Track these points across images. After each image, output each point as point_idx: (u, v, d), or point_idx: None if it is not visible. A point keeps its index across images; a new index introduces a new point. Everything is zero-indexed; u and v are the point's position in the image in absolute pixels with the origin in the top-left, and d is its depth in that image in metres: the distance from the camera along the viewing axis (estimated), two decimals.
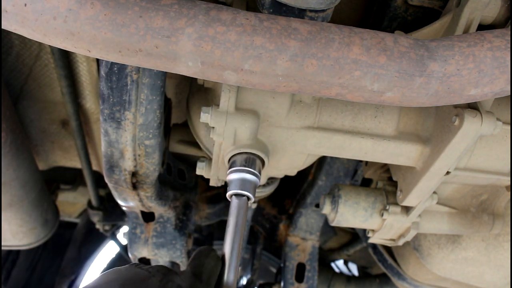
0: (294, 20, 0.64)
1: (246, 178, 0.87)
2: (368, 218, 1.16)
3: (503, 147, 0.98)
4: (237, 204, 0.82)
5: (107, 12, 0.59)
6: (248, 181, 0.86)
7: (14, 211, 1.51)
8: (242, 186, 0.85)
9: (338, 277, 2.35)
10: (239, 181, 0.86)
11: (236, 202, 0.82)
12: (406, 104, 0.69)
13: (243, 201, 0.83)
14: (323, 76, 0.63)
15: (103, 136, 1.00)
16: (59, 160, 1.89)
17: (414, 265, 1.57)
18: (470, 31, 0.82)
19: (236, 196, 0.84)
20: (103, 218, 2.24)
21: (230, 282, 0.73)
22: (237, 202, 0.82)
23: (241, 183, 0.86)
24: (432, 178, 0.96)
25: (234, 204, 0.82)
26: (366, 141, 0.96)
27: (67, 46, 0.62)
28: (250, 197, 0.84)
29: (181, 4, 0.61)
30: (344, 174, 1.63)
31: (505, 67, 0.65)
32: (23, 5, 0.58)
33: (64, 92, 1.47)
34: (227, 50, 0.61)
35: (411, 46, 0.65)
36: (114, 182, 1.13)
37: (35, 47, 1.41)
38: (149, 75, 0.89)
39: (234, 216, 0.80)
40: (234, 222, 0.79)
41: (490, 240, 1.39)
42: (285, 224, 1.97)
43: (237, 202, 0.82)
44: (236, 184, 0.86)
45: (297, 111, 0.93)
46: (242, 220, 0.79)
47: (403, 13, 0.98)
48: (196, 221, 1.93)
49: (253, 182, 0.87)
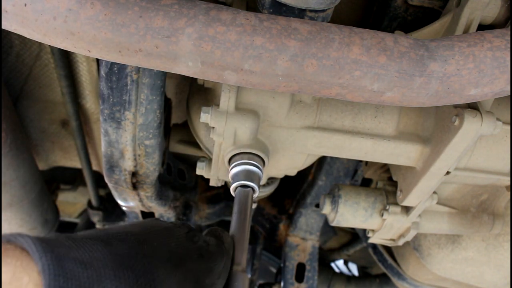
0: (294, 20, 0.64)
1: (250, 169, 0.86)
2: (368, 218, 1.16)
3: (503, 147, 0.98)
4: (242, 194, 0.80)
5: (107, 12, 0.59)
6: (252, 172, 0.86)
7: (14, 211, 1.51)
8: (247, 177, 0.84)
9: (338, 277, 2.35)
10: (244, 173, 0.85)
11: (241, 193, 0.80)
12: (406, 104, 0.69)
13: (248, 191, 0.81)
14: (323, 76, 0.63)
15: (103, 136, 1.00)
16: (59, 160, 1.89)
17: (414, 265, 1.57)
18: (470, 31, 0.82)
19: (241, 187, 0.82)
20: (103, 218, 2.24)
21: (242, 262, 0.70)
22: (242, 192, 0.80)
23: (246, 174, 0.85)
24: (432, 178, 0.96)
25: (239, 194, 0.80)
26: (366, 141, 0.96)
27: (67, 46, 0.62)
28: (255, 189, 0.83)
29: (181, 4, 0.61)
30: (344, 174, 1.63)
31: (505, 67, 0.65)
32: (23, 5, 0.58)
33: (64, 92, 1.47)
34: (227, 50, 0.61)
35: (411, 46, 0.65)
36: (114, 182, 1.13)
37: (35, 47, 1.41)
38: (149, 75, 0.89)
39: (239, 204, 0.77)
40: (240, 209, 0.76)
41: (490, 240, 1.39)
42: (285, 224, 1.97)
43: (242, 192, 0.80)
44: (240, 175, 0.84)
45: (297, 111, 0.93)
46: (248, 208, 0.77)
47: (403, 13, 0.98)
48: (196, 221, 1.93)
49: (257, 174, 0.86)
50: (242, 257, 0.69)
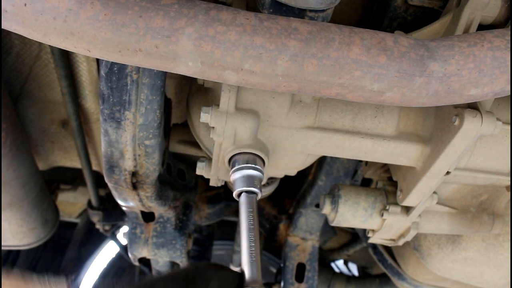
0: (294, 20, 0.64)
1: (251, 174, 0.87)
2: (368, 218, 1.16)
3: (503, 147, 0.98)
4: (247, 201, 0.82)
5: (107, 12, 0.59)
6: (254, 177, 0.86)
7: (14, 211, 1.51)
8: (249, 182, 0.85)
9: (338, 277, 2.35)
10: (245, 178, 0.86)
11: (245, 199, 0.82)
12: (406, 104, 0.69)
13: (252, 197, 0.83)
14: (323, 76, 0.63)
15: (103, 136, 1.00)
16: (59, 160, 1.89)
17: (414, 265, 1.57)
18: (470, 31, 0.82)
19: (244, 193, 0.83)
20: (103, 218, 2.24)
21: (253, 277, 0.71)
22: (246, 199, 0.82)
23: (248, 179, 0.86)
24: (432, 178, 0.96)
25: (244, 201, 0.82)
26: (366, 141, 0.96)
27: (67, 46, 0.62)
28: (258, 193, 0.84)
29: (181, 4, 0.61)
30: (344, 174, 1.63)
31: (505, 67, 0.65)
32: (23, 5, 0.58)
33: (64, 92, 1.47)
34: (227, 50, 0.61)
35: (411, 46, 0.65)
36: (114, 182, 1.13)
37: (35, 47, 1.41)
38: (149, 75, 0.89)
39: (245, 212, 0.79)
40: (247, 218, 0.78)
41: (490, 240, 1.39)
42: (285, 224, 1.97)
43: (246, 199, 0.82)
44: (242, 181, 0.85)
45: (297, 111, 0.93)
46: (254, 215, 0.79)
47: (403, 13, 0.98)
48: (196, 221, 1.93)
49: (258, 177, 0.87)
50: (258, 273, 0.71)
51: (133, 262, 1.56)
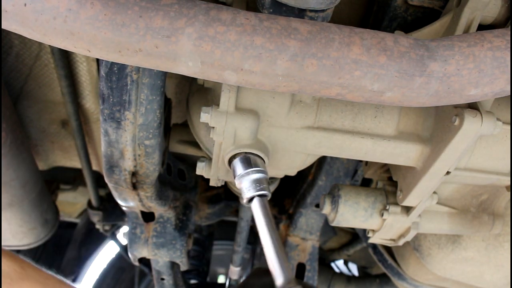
0: (294, 20, 0.64)
1: (258, 178, 0.87)
2: (368, 218, 1.16)
3: (503, 147, 0.98)
4: (260, 204, 0.82)
5: (107, 12, 0.59)
6: (261, 180, 0.87)
7: (14, 211, 1.51)
8: (259, 186, 0.86)
9: (338, 277, 2.36)
10: (254, 183, 0.86)
11: (259, 203, 0.83)
12: (406, 104, 0.69)
13: (264, 199, 0.84)
14: (323, 76, 0.63)
15: (103, 136, 1.00)
16: (59, 160, 1.89)
17: (414, 265, 1.57)
18: (470, 31, 0.82)
19: (256, 198, 0.84)
20: (103, 218, 2.24)
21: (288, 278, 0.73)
22: (260, 203, 0.83)
23: (256, 183, 0.86)
24: (432, 178, 0.96)
25: (258, 205, 0.83)
26: (366, 141, 0.96)
27: (67, 46, 0.62)
28: (268, 195, 0.85)
29: (181, 4, 0.61)
30: (344, 174, 1.63)
31: (505, 67, 0.65)
32: (23, 5, 0.58)
33: (64, 92, 1.47)
34: (227, 50, 0.61)
35: (411, 46, 0.65)
36: (114, 182, 1.13)
37: (35, 47, 1.41)
38: (149, 75, 0.89)
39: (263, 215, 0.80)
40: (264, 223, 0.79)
41: (490, 240, 1.39)
42: (285, 224, 1.97)
43: (260, 203, 0.83)
44: (252, 187, 0.86)
45: (297, 111, 0.93)
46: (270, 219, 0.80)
47: (403, 13, 0.98)
48: (196, 221, 1.93)
49: (264, 179, 0.88)
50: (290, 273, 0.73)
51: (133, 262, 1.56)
